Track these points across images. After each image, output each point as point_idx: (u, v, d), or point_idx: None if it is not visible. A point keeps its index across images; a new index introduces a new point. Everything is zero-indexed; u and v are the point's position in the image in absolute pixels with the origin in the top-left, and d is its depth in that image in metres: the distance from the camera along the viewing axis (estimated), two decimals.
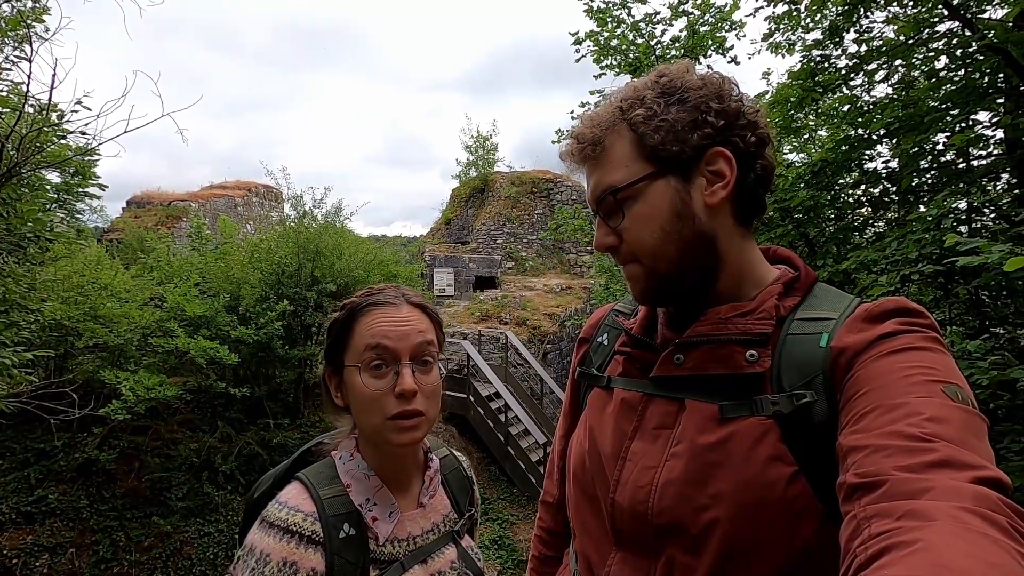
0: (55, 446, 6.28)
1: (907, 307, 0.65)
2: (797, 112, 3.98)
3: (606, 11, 5.04)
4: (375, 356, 0.83)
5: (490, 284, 14.72)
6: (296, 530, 0.77)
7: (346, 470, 0.87)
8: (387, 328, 0.84)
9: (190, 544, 6.32)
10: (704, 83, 0.72)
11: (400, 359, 0.83)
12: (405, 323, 0.85)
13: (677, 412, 0.74)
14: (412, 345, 0.84)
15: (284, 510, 0.79)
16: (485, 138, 18.56)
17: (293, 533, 0.77)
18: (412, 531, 0.88)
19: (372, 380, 0.83)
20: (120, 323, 6.30)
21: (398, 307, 0.87)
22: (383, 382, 0.83)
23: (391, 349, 0.83)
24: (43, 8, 3.45)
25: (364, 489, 0.86)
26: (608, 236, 0.76)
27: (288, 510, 0.79)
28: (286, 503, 0.80)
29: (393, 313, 0.86)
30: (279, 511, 0.79)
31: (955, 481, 0.46)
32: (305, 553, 0.76)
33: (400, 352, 0.83)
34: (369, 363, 0.83)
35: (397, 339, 0.84)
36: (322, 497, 0.82)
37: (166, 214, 11.96)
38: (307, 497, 0.82)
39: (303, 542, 0.76)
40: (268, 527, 0.77)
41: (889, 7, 3.56)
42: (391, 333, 0.84)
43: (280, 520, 0.78)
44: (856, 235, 3.80)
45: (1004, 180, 3.40)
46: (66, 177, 4.51)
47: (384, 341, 0.83)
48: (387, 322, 0.85)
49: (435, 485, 0.95)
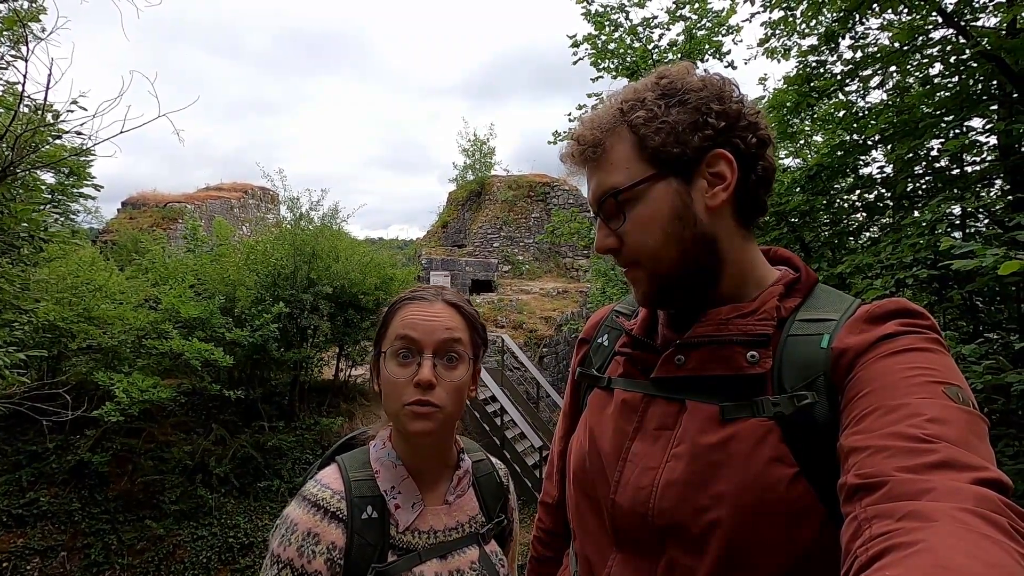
0: (47, 448, 6.22)
1: (908, 308, 0.65)
2: (793, 117, 4.00)
3: (604, 15, 5.07)
4: (402, 345, 0.88)
5: (486, 287, 14.71)
6: (323, 505, 0.85)
7: (376, 457, 0.93)
8: (417, 320, 0.89)
9: (183, 547, 6.26)
10: (705, 85, 0.72)
11: (424, 350, 0.87)
12: (434, 318, 0.89)
13: (678, 413, 0.74)
14: (437, 339, 0.88)
15: (317, 487, 0.87)
16: (482, 142, 18.60)
17: (320, 507, 0.84)
18: (434, 525, 0.90)
19: (396, 368, 0.87)
20: (114, 324, 6.25)
21: (432, 303, 0.92)
22: (406, 371, 0.87)
23: (416, 340, 0.87)
24: (39, 8, 3.44)
25: (391, 477, 0.90)
26: (609, 238, 0.76)
27: (320, 487, 0.87)
28: (319, 480, 0.89)
29: (426, 308, 0.90)
30: (313, 487, 0.88)
31: (956, 482, 0.46)
32: (328, 527, 0.83)
33: (424, 344, 0.87)
34: (397, 351, 0.88)
35: (423, 332, 0.88)
36: (351, 479, 0.88)
37: (161, 215, 11.89)
38: (338, 477, 0.89)
39: (327, 516, 0.84)
40: (301, 500, 0.86)
41: (884, 14, 3.59)
42: (419, 325, 0.88)
43: (311, 495, 0.86)
44: (851, 240, 3.82)
45: (998, 186, 3.43)
46: (61, 177, 4.48)
47: (411, 332, 0.88)
48: (418, 315, 0.89)
49: (464, 486, 0.97)
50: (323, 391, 8.43)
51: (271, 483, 6.97)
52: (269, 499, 6.88)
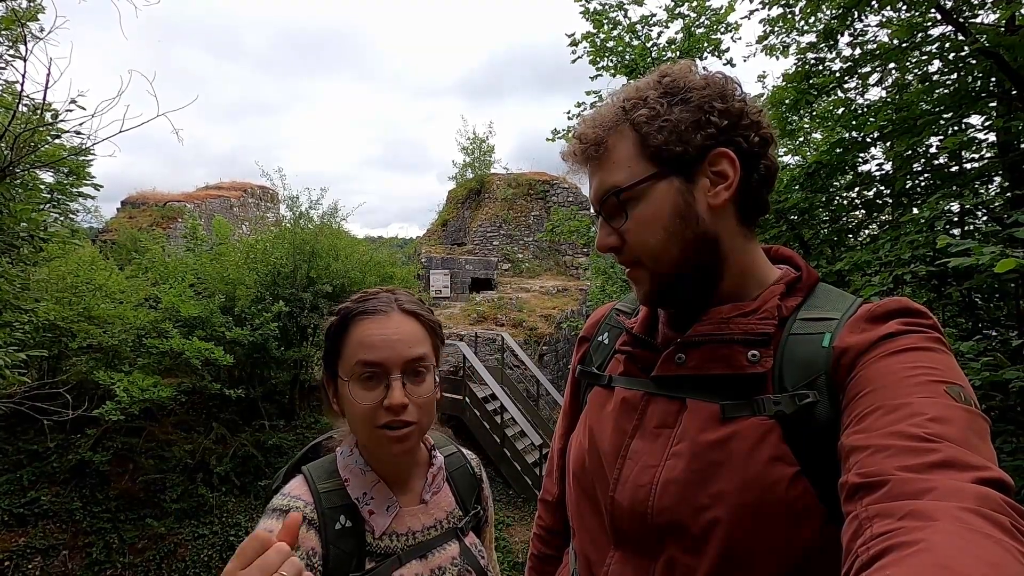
0: (48, 447, 6.23)
1: (910, 307, 0.65)
2: (792, 114, 4.00)
3: (602, 13, 5.06)
4: (365, 370, 0.83)
5: (486, 286, 14.70)
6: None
7: (345, 464, 0.89)
8: (377, 340, 0.83)
9: (184, 546, 6.28)
10: (707, 83, 0.72)
11: (390, 372, 0.82)
12: (395, 334, 0.84)
13: (678, 411, 0.74)
14: (402, 358, 0.83)
15: (285, 499, 0.84)
16: (482, 140, 18.56)
17: None
18: (412, 526, 0.88)
19: (362, 392, 0.82)
20: (114, 324, 6.26)
21: (388, 316, 0.86)
22: (373, 394, 0.82)
23: (380, 363, 0.82)
24: (37, 7, 3.44)
25: (361, 483, 0.87)
26: (610, 237, 0.76)
27: (289, 498, 0.84)
28: (287, 493, 0.85)
29: (383, 324, 0.85)
30: (281, 500, 0.84)
31: (957, 481, 0.46)
32: (306, 534, 0.79)
33: (390, 365, 0.82)
34: (359, 376, 0.83)
35: (386, 353, 0.82)
36: (320, 490, 0.85)
37: (161, 215, 11.87)
38: (306, 490, 0.85)
39: (303, 523, 0.80)
40: (271, 511, 0.82)
41: (883, 11, 3.59)
42: (380, 346, 0.83)
43: (282, 506, 0.82)
44: (850, 237, 3.82)
45: (996, 183, 3.43)
46: (60, 177, 4.48)
47: (373, 355, 0.82)
48: (377, 334, 0.83)
49: (439, 482, 0.95)
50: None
51: (272, 482, 6.98)
52: (270, 498, 6.90)
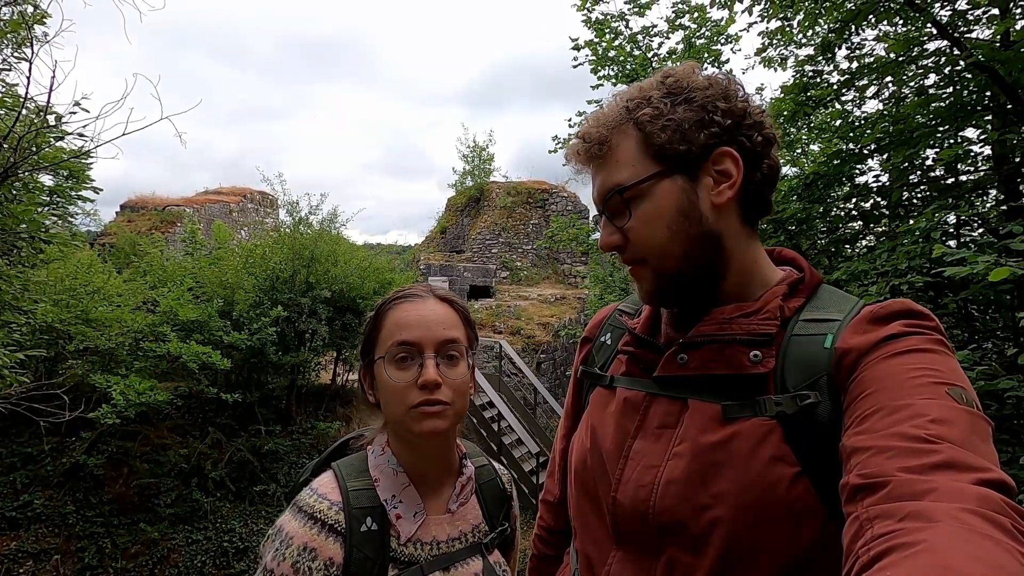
0: (42, 450, 6.18)
1: (912, 309, 0.65)
2: (790, 126, 4.04)
3: (604, 23, 5.12)
4: (400, 349, 0.84)
5: (485, 293, 14.69)
6: (320, 518, 0.79)
7: (376, 464, 0.88)
8: (412, 320, 0.85)
9: (177, 552, 6.21)
10: (710, 83, 0.72)
11: (424, 351, 0.83)
12: (430, 315, 0.86)
13: (680, 412, 0.74)
14: (436, 338, 0.84)
15: (313, 496, 0.82)
16: (482, 148, 18.64)
17: (317, 520, 0.79)
18: (437, 536, 0.86)
19: (397, 372, 0.83)
20: (112, 327, 6.23)
21: (424, 300, 0.88)
22: (408, 374, 0.83)
23: (415, 342, 0.83)
24: (43, 12, 3.46)
25: (391, 485, 0.86)
26: (614, 235, 0.76)
27: (317, 497, 0.82)
28: (316, 490, 0.83)
29: (419, 306, 0.87)
30: (308, 497, 0.82)
31: (958, 483, 0.46)
32: (325, 542, 0.77)
33: (424, 344, 0.84)
34: (395, 356, 0.84)
35: (421, 331, 0.84)
36: (349, 488, 0.83)
37: (160, 219, 11.86)
38: (335, 487, 0.84)
39: (324, 530, 0.78)
40: (297, 511, 0.81)
41: (880, 25, 3.64)
42: (415, 325, 0.84)
43: (308, 506, 0.81)
44: (847, 247, 3.85)
45: (992, 195, 3.47)
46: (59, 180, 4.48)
47: (408, 334, 0.84)
48: (412, 314, 0.86)
49: (467, 493, 0.93)
50: (320, 395, 8.41)
51: (267, 487, 6.92)
52: (265, 503, 6.84)
